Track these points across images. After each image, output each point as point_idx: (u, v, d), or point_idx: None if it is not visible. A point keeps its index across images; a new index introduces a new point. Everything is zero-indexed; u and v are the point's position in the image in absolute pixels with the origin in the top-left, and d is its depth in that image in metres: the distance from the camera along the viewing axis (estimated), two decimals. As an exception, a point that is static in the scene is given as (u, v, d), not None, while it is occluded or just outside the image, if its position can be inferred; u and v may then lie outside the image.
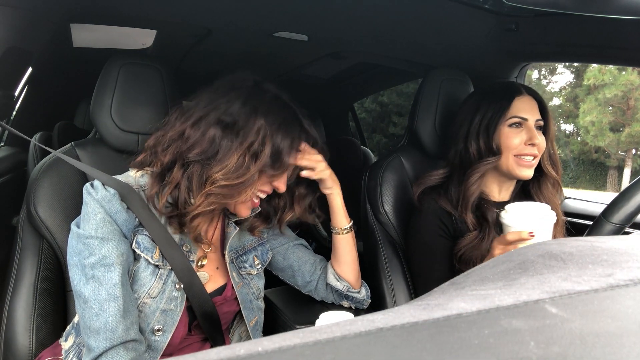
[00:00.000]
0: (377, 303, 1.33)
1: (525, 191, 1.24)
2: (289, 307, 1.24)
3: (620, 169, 13.98)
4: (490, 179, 1.21)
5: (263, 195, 0.98)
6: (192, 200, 0.90)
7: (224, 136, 0.89)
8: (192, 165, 0.90)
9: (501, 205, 1.22)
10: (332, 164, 1.12)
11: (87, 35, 1.66)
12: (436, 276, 1.16)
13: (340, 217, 1.14)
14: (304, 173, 1.04)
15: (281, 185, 0.98)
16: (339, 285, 1.13)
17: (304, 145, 1.01)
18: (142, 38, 1.68)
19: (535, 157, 1.13)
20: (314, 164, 1.04)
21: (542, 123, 1.15)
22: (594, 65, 12.03)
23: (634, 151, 13.49)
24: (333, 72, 2.44)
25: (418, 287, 1.25)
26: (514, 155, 1.13)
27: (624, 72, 11.65)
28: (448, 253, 1.17)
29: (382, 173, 1.38)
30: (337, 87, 2.81)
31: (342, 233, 1.13)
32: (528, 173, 1.13)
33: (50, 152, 1.06)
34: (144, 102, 1.13)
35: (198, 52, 1.81)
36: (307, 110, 1.04)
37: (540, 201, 1.19)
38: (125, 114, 1.11)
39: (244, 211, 0.99)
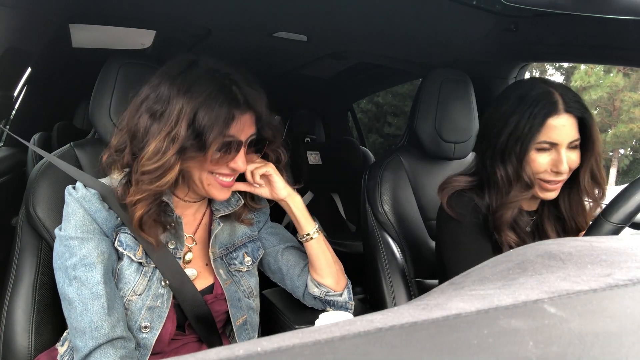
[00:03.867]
0: (377, 303, 1.33)
1: (553, 202, 1.13)
2: (288, 307, 1.24)
3: (607, 169, 14.13)
4: None
5: (224, 178, 0.94)
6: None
7: (151, 125, 0.86)
8: (138, 156, 0.88)
9: (528, 214, 1.14)
10: (332, 164, 1.10)
11: (86, 36, 1.66)
12: None
13: (305, 222, 1.05)
14: (258, 190, 1.01)
15: (237, 165, 0.93)
16: (316, 291, 1.07)
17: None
18: (142, 38, 1.68)
19: (559, 182, 1.03)
20: (262, 171, 0.99)
21: (577, 143, 1.03)
22: (582, 67, 12.18)
23: (622, 151, 13.56)
24: (332, 72, 2.44)
25: None
26: (538, 179, 1.03)
27: (611, 74, 11.77)
28: (489, 254, 1.07)
29: (382, 173, 1.38)
30: (337, 87, 2.81)
31: (312, 237, 1.05)
32: (551, 195, 1.04)
33: (47, 154, 1.06)
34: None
35: (197, 52, 1.81)
36: (305, 111, 1.01)
37: (565, 215, 1.10)
38: (125, 114, 1.11)
39: (216, 193, 0.95)
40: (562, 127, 0.99)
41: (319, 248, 1.06)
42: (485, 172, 1.09)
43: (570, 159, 1.01)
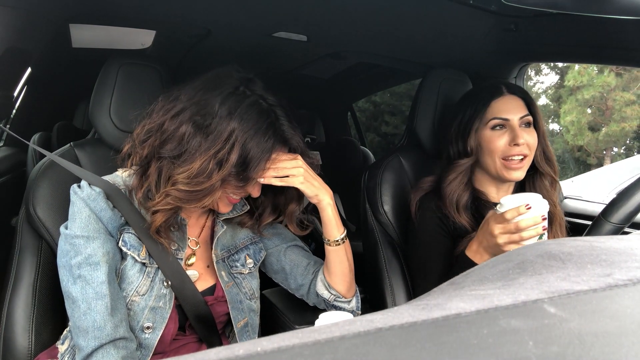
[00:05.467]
0: (377, 303, 1.33)
1: (522, 191, 1.23)
2: (288, 307, 1.24)
3: (600, 167, 14.17)
4: (485, 180, 1.21)
5: (237, 197, 0.96)
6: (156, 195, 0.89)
7: (194, 136, 0.85)
8: (163, 160, 0.87)
9: None
10: (332, 164, 1.09)
11: (86, 36, 1.66)
12: (435, 275, 1.15)
13: (331, 229, 1.03)
14: (274, 181, 0.94)
15: (254, 191, 0.95)
16: (326, 294, 1.07)
17: (275, 155, 0.92)
18: (141, 38, 1.68)
19: (524, 156, 1.11)
20: (286, 172, 0.95)
21: (530, 119, 1.13)
22: (576, 67, 12.28)
23: (615, 149, 13.61)
24: (332, 72, 2.44)
25: (416, 287, 1.24)
26: (502, 159, 1.11)
27: (605, 74, 11.83)
28: (447, 252, 1.16)
29: (382, 173, 1.38)
30: (337, 88, 2.81)
31: (333, 245, 1.04)
32: (518, 175, 1.11)
33: (49, 154, 1.06)
34: (143, 103, 1.12)
35: (197, 52, 1.81)
36: (305, 111, 1.00)
37: None
38: (124, 115, 1.11)
39: (222, 207, 0.97)
40: (508, 105, 1.12)
41: (337, 256, 1.05)
42: (444, 160, 1.22)
43: (526, 138, 1.10)
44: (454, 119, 1.21)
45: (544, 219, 0.91)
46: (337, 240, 1.04)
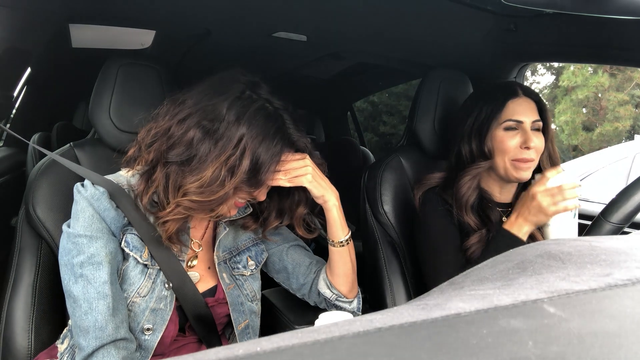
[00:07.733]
0: (377, 303, 1.33)
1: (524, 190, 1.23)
2: (288, 307, 1.24)
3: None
4: (490, 180, 1.20)
5: (243, 201, 0.96)
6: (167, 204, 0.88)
7: (202, 141, 0.84)
8: (171, 165, 0.87)
9: (503, 205, 1.21)
10: (332, 164, 1.08)
11: (85, 36, 1.66)
12: (455, 263, 1.13)
13: (336, 230, 1.04)
14: (282, 182, 0.95)
15: (260, 195, 0.95)
16: (327, 293, 1.07)
17: (284, 157, 0.93)
18: (141, 38, 1.68)
19: (532, 160, 1.11)
20: (295, 173, 0.95)
21: (540, 124, 1.13)
22: (571, 67, 12.33)
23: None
24: (332, 72, 2.44)
25: (429, 281, 1.21)
26: (511, 160, 1.11)
27: (599, 74, 11.86)
28: (459, 241, 1.15)
29: (382, 173, 1.38)
30: (337, 88, 2.81)
31: (337, 246, 1.05)
32: (526, 175, 1.11)
33: (51, 153, 1.06)
34: (143, 103, 1.12)
35: (197, 52, 1.81)
36: (305, 111, 0.99)
37: None
38: (124, 115, 1.11)
39: (230, 212, 0.97)
40: (523, 107, 1.12)
41: (341, 257, 1.05)
42: (453, 158, 1.22)
43: (535, 142, 1.11)
44: (466, 117, 1.19)
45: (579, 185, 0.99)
46: (342, 242, 1.04)
